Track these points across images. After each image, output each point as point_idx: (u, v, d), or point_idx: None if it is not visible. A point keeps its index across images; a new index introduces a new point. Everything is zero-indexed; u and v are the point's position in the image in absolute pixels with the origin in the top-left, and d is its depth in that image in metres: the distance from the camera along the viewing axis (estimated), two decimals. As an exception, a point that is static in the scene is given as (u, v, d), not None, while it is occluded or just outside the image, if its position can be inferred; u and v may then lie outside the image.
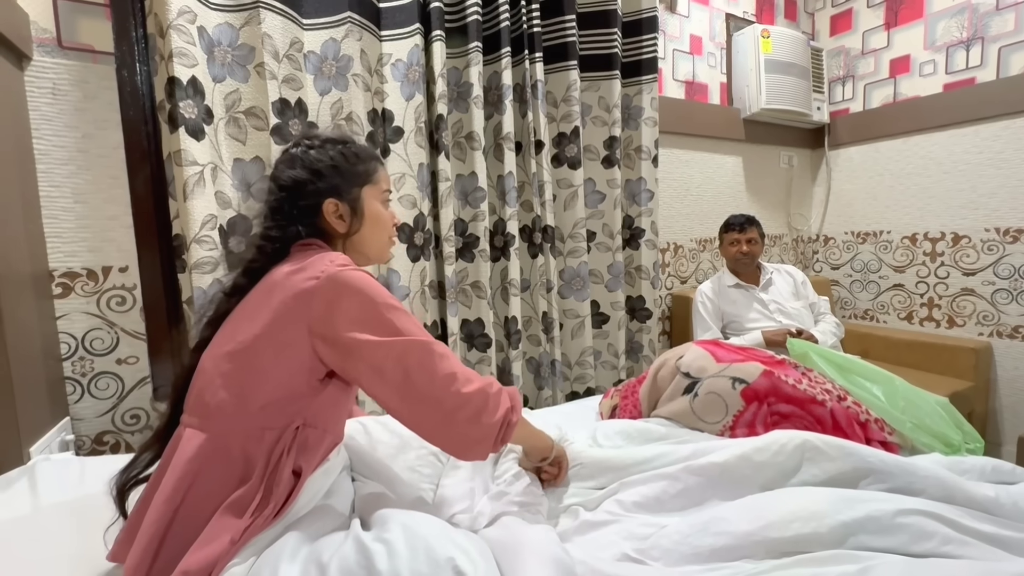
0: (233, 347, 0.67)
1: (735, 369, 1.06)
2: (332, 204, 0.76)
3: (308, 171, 0.75)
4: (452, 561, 0.55)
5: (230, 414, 0.64)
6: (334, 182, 0.76)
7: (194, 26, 1.13)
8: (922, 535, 0.67)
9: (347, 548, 0.58)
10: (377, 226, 0.81)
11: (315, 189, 0.75)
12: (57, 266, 1.16)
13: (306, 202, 0.75)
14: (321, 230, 0.77)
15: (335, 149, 0.78)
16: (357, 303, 0.66)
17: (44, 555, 0.71)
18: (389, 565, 0.55)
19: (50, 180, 1.14)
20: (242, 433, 0.64)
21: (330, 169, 0.76)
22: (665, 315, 2.15)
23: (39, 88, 1.12)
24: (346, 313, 0.65)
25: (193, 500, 0.62)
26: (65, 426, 1.14)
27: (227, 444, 0.64)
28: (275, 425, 0.65)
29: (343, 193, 0.77)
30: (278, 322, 0.66)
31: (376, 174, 0.82)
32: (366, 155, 0.81)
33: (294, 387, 0.66)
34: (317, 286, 0.65)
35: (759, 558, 0.68)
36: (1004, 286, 2.00)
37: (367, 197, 0.80)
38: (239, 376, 0.65)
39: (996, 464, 0.85)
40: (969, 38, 2.03)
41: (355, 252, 0.80)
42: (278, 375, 0.65)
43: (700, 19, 2.19)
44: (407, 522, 0.61)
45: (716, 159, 2.28)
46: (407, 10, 1.39)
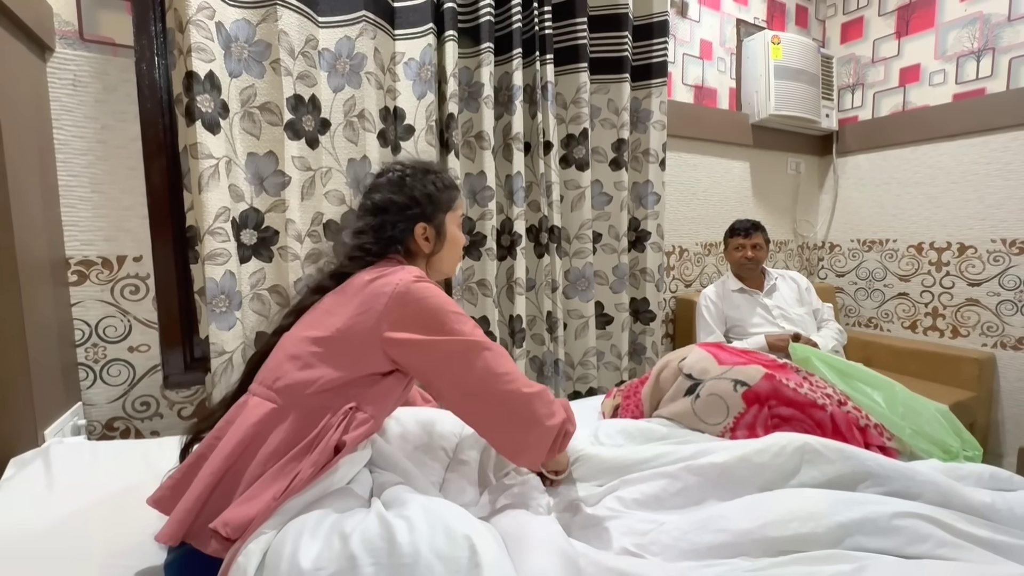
0: (314, 334, 0.76)
1: (737, 372, 1.07)
2: (422, 227, 0.87)
3: (405, 196, 0.86)
4: (469, 539, 0.57)
5: (298, 391, 0.72)
6: (427, 209, 0.87)
7: (212, 22, 1.15)
8: (917, 537, 0.68)
9: (369, 522, 0.61)
10: (454, 248, 0.93)
11: (412, 214, 0.86)
12: (73, 254, 1.18)
13: (403, 225, 0.86)
14: (408, 248, 0.88)
15: (428, 178, 0.89)
16: (430, 307, 0.74)
17: (62, 532, 0.73)
18: (409, 539, 0.57)
19: (69, 170, 1.16)
20: (304, 408, 0.71)
21: (424, 196, 0.87)
22: (669, 318, 2.16)
23: (60, 79, 1.14)
24: (418, 316, 0.74)
25: (246, 460, 0.67)
26: (77, 411, 1.17)
27: (288, 416, 0.70)
28: (333, 406, 0.72)
29: (432, 218, 0.88)
30: (357, 319, 0.74)
31: (456, 201, 0.92)
32: (450, 183, 0.92)
33: (358, 376, 0.74)
34: (395, 292, 0.74)
35: (756, 556, 0.70)
36: (1009, 297, 2.00)
37: (449, 222, 0.91)
38: (315, 360, 0.73)
39: (994, 471, 0.86)
40: (980, 48, 2.03)
41: (432, 269, 0.92)
42: (348, 365, 0.74)
43: (711, 24, 2.20)
44: (426, 503, 0.65)
45: (723, 164, 2.29)
46: (421, 10, 1.41)
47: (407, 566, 0.56)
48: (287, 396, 0.72)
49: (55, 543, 0.71)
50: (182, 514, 0.64)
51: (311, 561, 0.56)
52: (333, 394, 0.72)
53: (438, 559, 0.56)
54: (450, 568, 0.55)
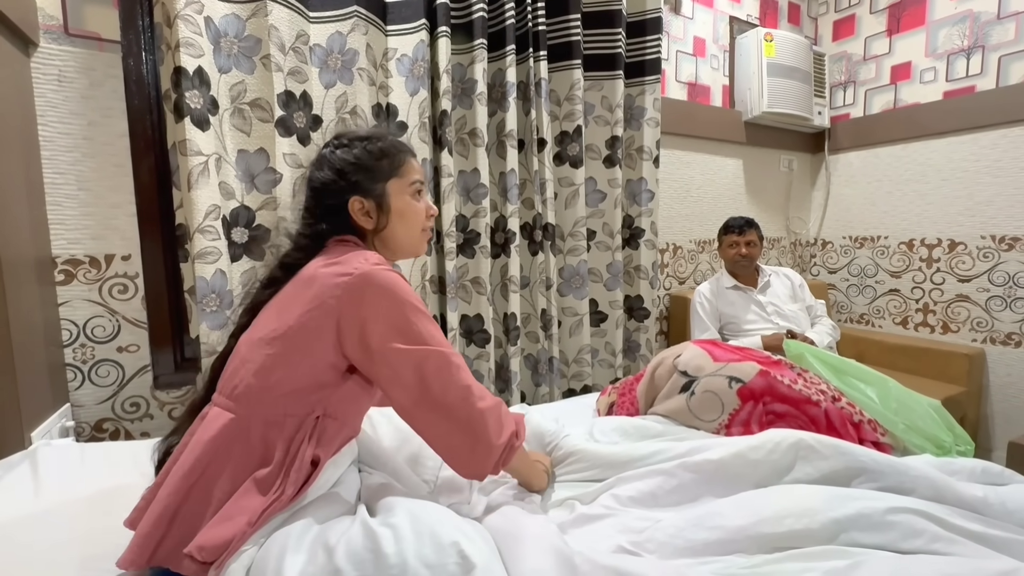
0: (266, 334, 0.70)
1: (732, 368, 1.07)
2: (357, 202, 0.78)
3: (333, 171, 0.78)
4: (457, 545, 0.56)
5: (256, 398, 0.67)
6: (357, 179, 0.78)
7: (201, 16, 1.13)
8: (911, 532, 0.68)
9: (354, 532, 0.59)
10: (405, 220, 0.81)
11: (339, 188, 0.77)
12: (60, 253, 1.16)
13: (333, 201, 0.78)
14: (354, 228, 0.79)
15: (359, 147, 0.80)
16: (385, 304, 0.68)
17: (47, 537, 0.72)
18: (395, 548, 0.56)
19: (54, 167, 1.14)
20: (264, 417, 0.66)
21: (352, 167, 0.78)
22: (663, 315, 2.16)
23: (45, 75, 1.12)
24: (373, 313, 0.67)
25: (210, 477, 0.63)
26: (65, 412, 1.15)
27: (249, 426, 0.66)
28: (296, 413, 0.67)
29: (367, 190, 0.78)
30: (309, 314, 0.68)
31: (403, 167, 0.81)
32: (392, 149, 0.81)
33: (318, 377, 0.68)
34: (348, 283, 0.67)
35: (752, 552, 0.70)
36: (998, 293, 2.02)
37: (393, 192, 0.80)
38: (269, 363, 0.68)
39: (986, 466, 0.87)
40: (970, 46, 2.05)
41: (386, 248, 0.82)
42: (305, 364, 0.68)
43: (704, 21, 2.20)
44: (412, 508, 0.63)
45: (717, 161, 2.29)
46: (413, 5, 1.39)
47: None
48: (246, 405, 0.67)
49: (43, 547, 0.70)
50: (141, 539, 0.60)
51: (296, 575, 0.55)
52: (294, 400, 0.67)
53: (426, 568, 0.55)
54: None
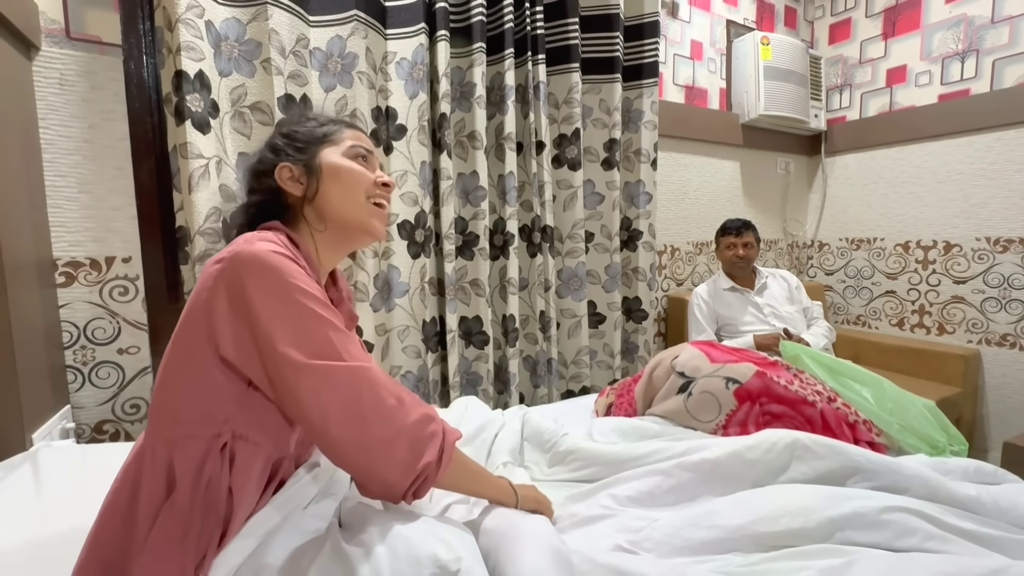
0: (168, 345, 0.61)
1: (729, 369, 1.08)
2: (285, 169, 0.70)
3: (266, 147, 0.73)
4: (434, 557, 0.54)
5: (157, 416, 0.59)
6: (286, 150, 0.71)
7: (202, 20, 1.14)
8: (905, 531, 0.69)
9: (324, 556, 0.56)
10: (340, 181, 0.70)
11: (268, 161, 0.71)
12: (61, 255, 1.17)
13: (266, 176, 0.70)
14: (285, 204, 0.71)
15: (288, 121, 0.76)
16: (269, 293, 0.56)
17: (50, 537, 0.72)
18: (369, 568, 0.53)
19: (55, 169, 1.14)
20: (167, 439, 0.58)
21: (282, 138, 0.72)
22: (661, 316, 2.17)
23: (46, 78, 1.13)
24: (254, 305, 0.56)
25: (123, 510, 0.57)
26: (66, 414, 1.15)
27: (155, 449, 0.58)
28: (198, 434, 0.57)
29: (295, 158, 0.70)
30: (187, 315, 0.59)
31: (338, 134, 0.74)
32: (325, 119, 0.75)
33: (213, 391, 0.58)
34: (222, 268, 0.57)
35: (748, 551, 0.70)
36: (993, 295, 2.04)
37: (325, 154, 0.71)
38: (162, 377, 0.60)
39: (979, 465, 0.88)
40: (964, 50, 2.07)
41: (324, 221, 0.70)
42: (190, 375, 0.58)
43: (701, 25, 2.21)
44: (385, 522, 0.59)
45: (714, 163, 2.30)
46: (413, 9, 1.40)
47: None
48: (151, 427, 0.59)
49: (45, 548, 0.70)
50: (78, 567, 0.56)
51: None
52: (191, 420, 0.57)
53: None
54: None
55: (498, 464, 0.93)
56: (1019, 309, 1.97)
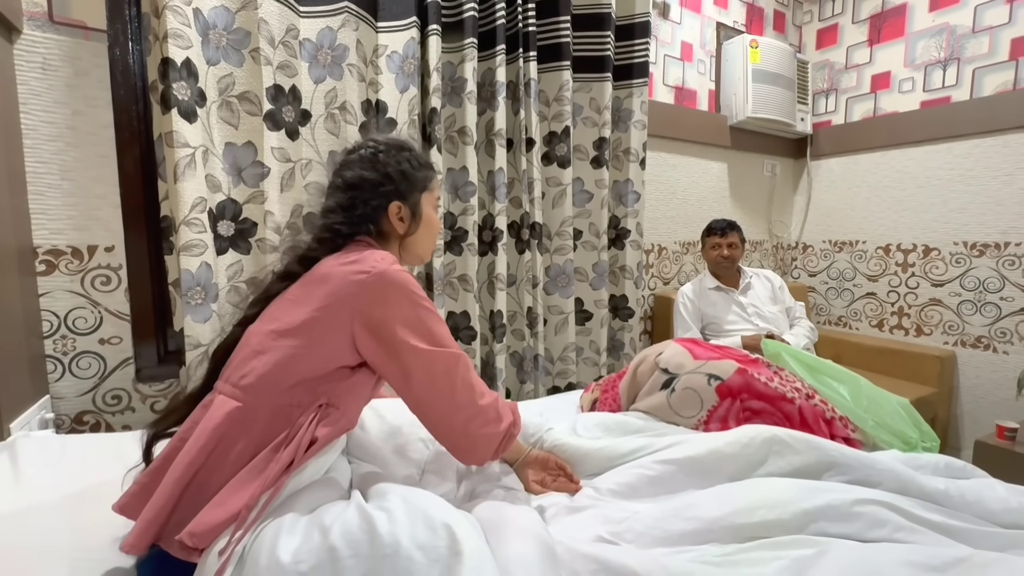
0: (279, 327, 0.71)
1: (711, 366, 1.10)
2: (396, 206, 0.82)
3: (378, 173, 0.82)
4: (448, 527, 0.58)
5: (265, 387, 0.68)
6: (401, 186, 0.83)
7: (190, 8, 1.13)
8: (876, 523, 0.72)
9: (349, 514, 0.60)
10: (430, 230, 0.88)
11: (385, 191, 0.81)
12: (41, 243, 1.15)
13: (376, 203, 0.81)
14: (380, 229, 0.83)
15: (402, 155, 0.84)
16: (401, 303, 0.71)
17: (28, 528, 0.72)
18: (389, 529, 0.57)
19: (37, 156, 1.12)
20: (272, 407, 0.68)
21: (398, 173, 0.82)
22: (647, 315, 2.20)
23: (28, 63, 1.10)
24: (389, 311, 0.70)
25: (214, 464, 0.64)
26: (45, 404, 1.14)
27: (256, 416, 0.67)
28: (303, 402, 0.69)
29: (407, 197, 0.83)
30: (326, 309, 0.70)
31: (432, 181, 0.88)
32: (426, 163, 0.88)
33: (328, 370, 0.71)
34: (367, 280, 0.70)
35: (726, 542, 0.72)
36: (969, 298, 2.09)
37: (425, 203, 0.86)
38: (281, 354, 0.69)
39: (949, 461, 0.91)
40: (946, 58, 2.12)
41: (407, 252, 0.87)
42: (317, 357, 0.70)
43: (692, 26, 2.23)
44: (406, 494, 0.65)
45: (702, 164, 2.33)
46: (404, 3, 1.40)
47: (387, 556, 0.56)
48: (253, 394, 0.68)
49: (23, 538, 0.70)
50: (145, 524, 0.61)
51: (291, 555, 0.55)
52: (302, 391, 0.69)
53: (418, 549, 0.56)
54: (430, 557, 0.56)
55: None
56: (994, 312, 2.03)
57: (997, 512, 0.77)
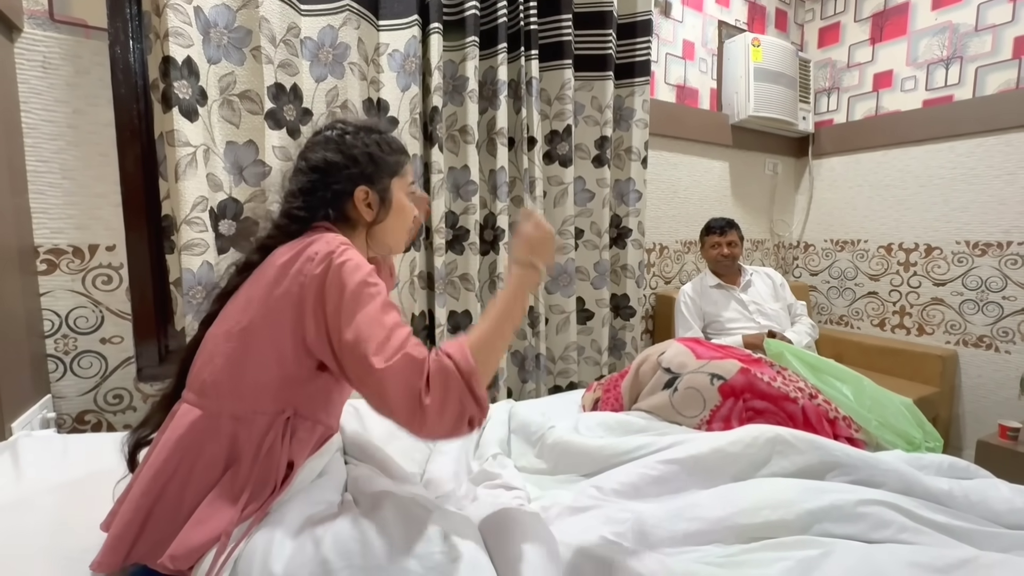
0: (231, 326, 0.67)
1: (714, 366, 1.10)
2: (363, 191, 0.76)
3: (344, 156, 0.75)
4: (444, 535, 0.57)
5: (224, 393, 0.64)
6: (368, 170, 0.76)
7: (191, 6, 1.13)
8: (880, 523, 0.71)
9: (341, 524, 0.59)
10: (400, 217, 0.82)
11: (349, 174, 0.75)
12: (42, 242, 1.14)
13: (339, 186, 0.75)
14: (346, 216, 0.77)
15: (371, 137, 0.78)
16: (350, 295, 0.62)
17: (29, 527, 0.72)
18: (382, 539, 0.56)
19: (38, 155, 1.12)
20: (233, 414, 0.64)
21: (365, 156, 0.76)
22: (648, 314, 2.19)
23: (29, 61, 1.10)
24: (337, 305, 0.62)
25: (182, 477, 0.62)
26: (46, 403, 1.13)
27: (219, 424, 0.63)
28: (266, 410, 0.65)
29: (375, 182, 0.77)
30: (272, 304, 0.65)
31: (405, 167, 0.82)
32: (397, 147, 0.82)
33: (285, 372, 0.65)
34: (310, 269, 0.64)
35: (729, 542, 0.72)
36: (971, 297, 2.09)
37: (395, 188, 0.80)
38: (235, 356, 0.65)
39: (953, 461, 0.91)
40: (949, 57, 2.11)
41: (375, 240, 0.81)
42: (269, 358, 0.65)
43: (693, 25, 2.23)
44: (399, 500, 0.63)
45: (704, 163, 2.33)
46: (406, 1, 1.39)
47: (381, 567, 0.55)
48: (214, 400, 0.64)
49: (24, 537, 0.70)
50: (114, 540, 0.59)
51: (283, 567, 0.55)
52: (261, 396, 0.64)
53: (413, 558, 0.55)
54: (425, 565, 0.55)
55: (488, 455, 0.93)
56: (996, 311, 2.03)
57: (1002, 513, 0.77)
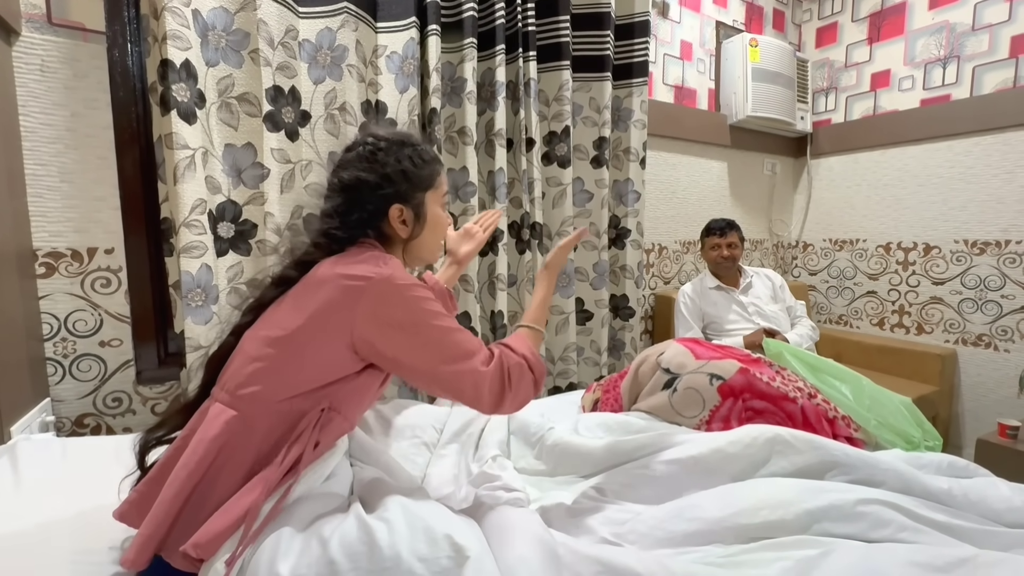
0: (276, 333, 0.68)
1: (713, 366, 1.10)
2: (398, 210, 0.77)
3: (376, 175, 0.76)
4: (449, 538, 0.57)
5: (263, 397, 0.66)
6: (402, 188, 0.77)
7: (188, 9, 1.13)
8: (880, 523, 0.71)
9: (348, 525, 0.60)
10: (436, 231, 0.83)
11: (384, 194, 0.76)
12: (41, 245, 1.14)
13: (373, 206, 0.76)
14: (381, 232, 0.78)
15: (403, 152, 0.78)
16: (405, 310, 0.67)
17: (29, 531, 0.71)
18: (389, 541, 0.57)
19: (36, 158, 1.12)
20: (271, 415, 0.66)
21: (399, 174, 0.76)
22: (648, 314, 2.19)
23: (27, 64, 1.10)
24: (392, 318, 0.67)
25: (214, 475, 0.63)
26: (45, 407, 1.13)
27: (255, 424, 0.65)
28: (303, 409, 0.67)
29: (409, 199, 0.78)
30: (323, 316, 0.67)
31: (438, 178, 0.82)
32: (430, 158, 0.81)
33: (327, 377, 0.68)
34: (367, 288, 0.67)
35: (729, 543, 0.72)
36: (970, 296, 2.09)
37: (430, 202, 0.80)
38: (278, 361, 0.67)
39: (952, 460, 0.91)
40: (946, 56, 2.11)
41: (411, 256, 0.82)
42: (315, 366, 0.68)
43: (691, 26, 2.23)
44: (406, 503, 0.64)
45: (702, 163, 2.33)
46: (403, 3, 1.39)
47: (388, 570, 0.55)
48: (251, 404, 0.66)
49: (24, 541, 0.70)
50: (144, 539, 0.60)
51: (290, 567, 0.55)
52: (302, 399, 0.67)
53: (419, 561, 0.56)
54: (432, 569, 0.55)
55: (487, 457, 0.93)
56: (995, 310, 2.03)
57: (1001, 511, 0.77)
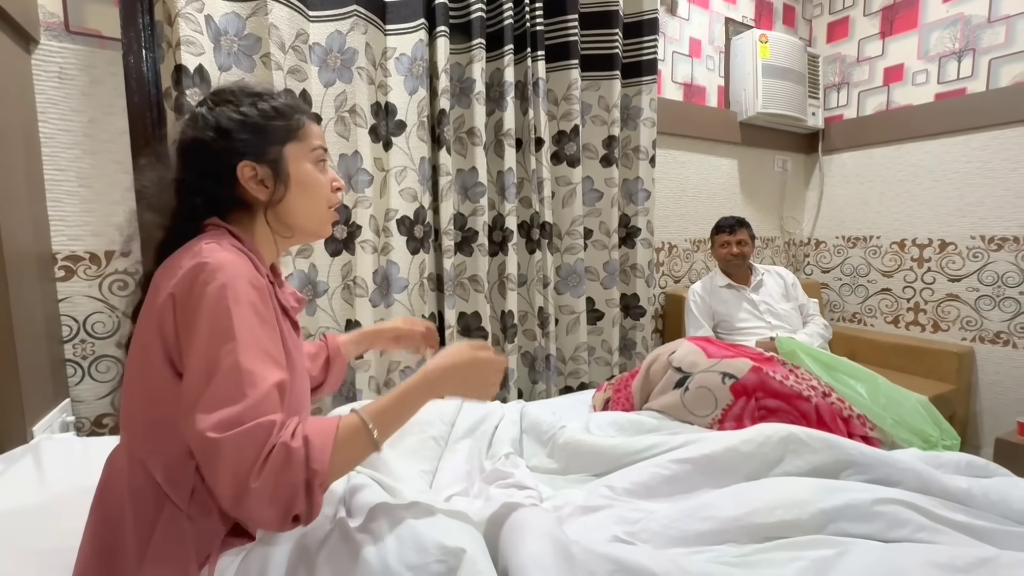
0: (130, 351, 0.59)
1: (725, 365, 1.09)
2: (248, 167, 0.62)
3: (214, 129, 0.61)
4: (439, 544, 0.56)
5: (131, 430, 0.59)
6: (246, 140, 0.62)
7: (201, 15, 1.14)
8: (897, 522, 0.70)
9: (333, 539, 0.58)
10: (308, 191, 0.66)
11: (222, 149, 0.61)
12: (60, 249, 1.17)
13: (213, 167, 0.61)
14: (242, 201, 0.64)
15: (248, 102, 0.63)
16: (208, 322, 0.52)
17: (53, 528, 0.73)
18: (376, 554, 0.55)
19: (55, 164, 1.14)
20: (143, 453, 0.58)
21: (239, 125, 0.62)
22: (658, 313, 2.18)
23: (46, 72, 1.12)
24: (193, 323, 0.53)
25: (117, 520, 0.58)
26: (66, 407, 1.16)
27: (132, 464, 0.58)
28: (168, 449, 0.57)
29: (260, 153, 0.63)
30: (144, 324, 0.57)
31: (302, 129, 0.66)
32: (286, 108, 0.65)
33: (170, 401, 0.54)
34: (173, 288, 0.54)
35: (743, 542, 0.72)
36: (988, 292, 2.06)
37: (291, 157, 0.65)
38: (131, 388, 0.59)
39: (971, 459, 0.89)
40: (961, 49, 2.08)
41: (282, 224, 0.66)
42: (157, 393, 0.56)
43: (700, 22, 2.22)
44: (393, 511, 0.62)
45: (712, 161, 2.31)
46: (412, 5, 1.40)
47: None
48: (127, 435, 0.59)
49: (48, 538, 0.71)
50: None
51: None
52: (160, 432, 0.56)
53: (409, 570, 0.54)
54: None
55: (500, 454, 0.94)
56: (1013, 307, 1.99)
57: (1022, 511, 0.76)
